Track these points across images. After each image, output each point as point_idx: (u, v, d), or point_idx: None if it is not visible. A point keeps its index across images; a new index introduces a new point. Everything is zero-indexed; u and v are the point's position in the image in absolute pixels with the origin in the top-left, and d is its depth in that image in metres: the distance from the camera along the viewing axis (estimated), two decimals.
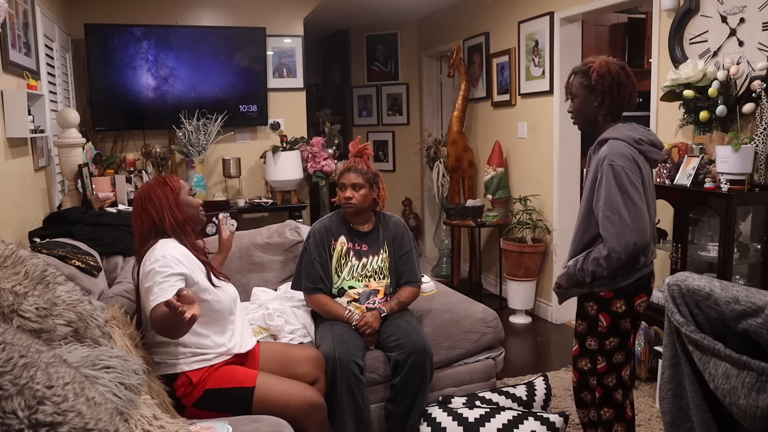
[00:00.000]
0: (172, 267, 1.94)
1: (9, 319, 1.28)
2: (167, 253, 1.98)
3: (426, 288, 2.90)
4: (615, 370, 2.06)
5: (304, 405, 2.04)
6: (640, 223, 1.92)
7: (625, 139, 1.97)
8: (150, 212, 2.08)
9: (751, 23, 2.73)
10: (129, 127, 4.57)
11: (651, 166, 2.05)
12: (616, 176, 1.92)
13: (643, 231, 1.92)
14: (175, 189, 2.13)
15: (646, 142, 2.00)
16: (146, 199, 2.10)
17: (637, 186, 1.92)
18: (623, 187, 1.91)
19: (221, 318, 2.10)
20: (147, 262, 1.97)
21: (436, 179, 5.40)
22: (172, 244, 2.05)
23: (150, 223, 2.08)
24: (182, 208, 2.13)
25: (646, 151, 1.99)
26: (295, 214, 4.74)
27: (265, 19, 4.83)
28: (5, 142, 2.48)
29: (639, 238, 1.91)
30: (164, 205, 2.09)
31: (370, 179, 2.57)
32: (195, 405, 1.99)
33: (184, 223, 2.12)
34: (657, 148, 2.04)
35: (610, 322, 2.02)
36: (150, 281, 1.91)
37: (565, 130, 4.12)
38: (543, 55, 4.15)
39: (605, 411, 2.09)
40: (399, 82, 6.39)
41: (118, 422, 1.09)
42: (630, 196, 1.91)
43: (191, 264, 2.04)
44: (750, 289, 1.48)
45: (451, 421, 2.37)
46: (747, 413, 1.34)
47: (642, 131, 2.03)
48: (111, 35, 4.36)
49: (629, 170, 1.92)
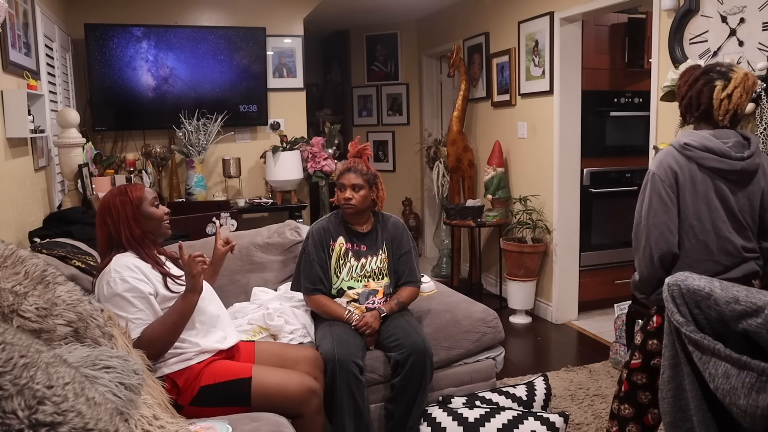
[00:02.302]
0: (138, 289, 1.92)
1: (9, 319, 1.28)
2: (126, 275, 1.92)
3: (426, 288, 2.90)
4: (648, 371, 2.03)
5: (302, 389, 2.05)
6: (656, 229, 1.89)
7: (674, 144, 1.94)
8: (108, 224, 2.02)
9: (751, 23, 2.73)
10: (129, 127, 4.57)
11: (714, 174, 1.90)
12: (646, 182, 1.94)
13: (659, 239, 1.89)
14: (134, 200, 2.04)
15: (696, 147, 1.89)
16: (105, 211, 2.03)
17: (662, 194, 1.89)
18: (648, 194, 1.92)
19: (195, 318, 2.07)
20: (105, 283, 1.92)
21: (436, 179, 5.40)
22: (128, 260, 1.99)
23: (107, 235, 2.03)
24: (141, 221, 2.05)
25: (696, 157, 1.89)
26: (295, 214, 4.74)
27: (265, 19, 4.83)
28: (5, 142, 2.48)
29: (654, 244, 1.90)
30: (121, 218, 2.02)
31: (369, 180, 2.56)
32: (192, 403, 1.98)
33: (142, 237, 2.05)
34: (717, 155, 1.89)
35: (659, 325, 1.98)
36: (119, 309, 1.89)
37: (565, 130, 4.12)
38: (543, 55, 4.15)
39: (625, 407, 2.07)
40: (399, 82, 6.39)
41: (118, 422, 1.09)
42: (652, 204, 1.90)
43: (150, 277, 2.00)
44: (750, 289, 1.48)
45: (451, 421, 2.37)
46: (747, 413, 1.34)
47: (698, 137, 1.92)
48: (111, 35, 4.36)
49: (659, 176, 1.90)
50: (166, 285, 2.03)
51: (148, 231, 2.07)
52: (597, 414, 2.84)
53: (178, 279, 2.07)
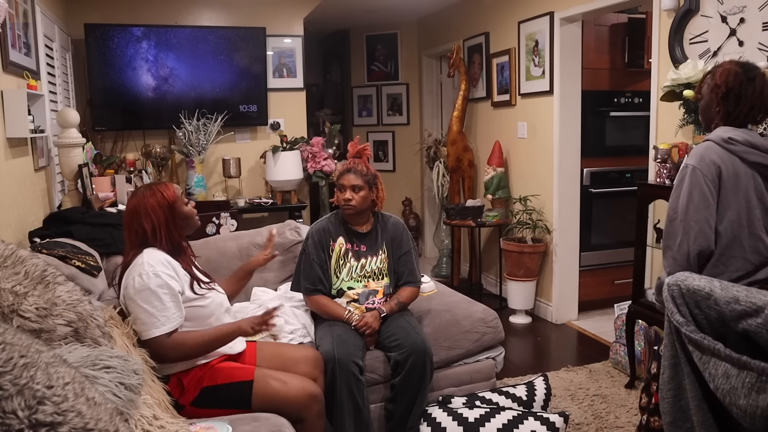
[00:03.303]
0: (170, 286, 1.94)
1: (9, 319, 1.28)
2: (159, 270, 1.94)
3: (426, 288, 2.90)
4: None
5: (303, 395, 2.05)
6: (696, 225, 1.83)
7: (714, 139, 1.88)
8: (144, 227, 2.01)
9: (751, 23, 2.73)
10: (129, 127, 4.57)
11: (755, 170, 1.89)
12: (686, 176, 1.85)
13: (695, 235, 1.82)
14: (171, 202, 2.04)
15: (740, 142, 1.86)
16: (142, 213, 2.02)
17: (704, 189, 1.82)
18: (688, 189, 1.84)
19: (205, 323, 2.09)
20: (136, 275, 1.93)
21: (436, 179, 5.40)
22: (160, 255, 2.00)
23: (142, 235, 2.02)
24: (178, 222, 2.06)
25: (740, 152, 1.86)
26: (295, 214, 4.74)
27: (265, 19, 4.83)
28: (5, 142, 2.48)
29: (692, 241, 1.83)
30: (161, 223, 2.02)
31: (369, 181, 2.56)
32: (193, 404, 1.99)
33: (179, 240, 2.08)
34: (761, 151, 1.87)
35: None
36: (146, 303, 1.90)
37: (565, 130, 4.12)
38: (543, 55, 4.15)
39: (655, 420, 1.99)
40: (399, 82, 6.39)
41: (118, 422, 1.09)
42: (692, 198, 1.83)
43: (180, 275, 2.02)
44: (750, 289, 1.48)
45: (451, 421, 2.37)
46: (747, 413, 1.34)
47: (740, 132, 1.89)
48: (111, 35, 4.36)
49: (701, 170, 1.83)
50: (192, 287, 2.06)
51: (183, 231, 2.09)
52: (597, 414, 2.84)
53: (203, 283, 2.10)
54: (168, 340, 1.93)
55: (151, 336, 1.91)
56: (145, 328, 1.91)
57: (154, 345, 1.92)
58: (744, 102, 1.92)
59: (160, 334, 1.91)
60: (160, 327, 1.91)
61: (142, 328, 1.91)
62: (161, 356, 1.93)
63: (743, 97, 1.91)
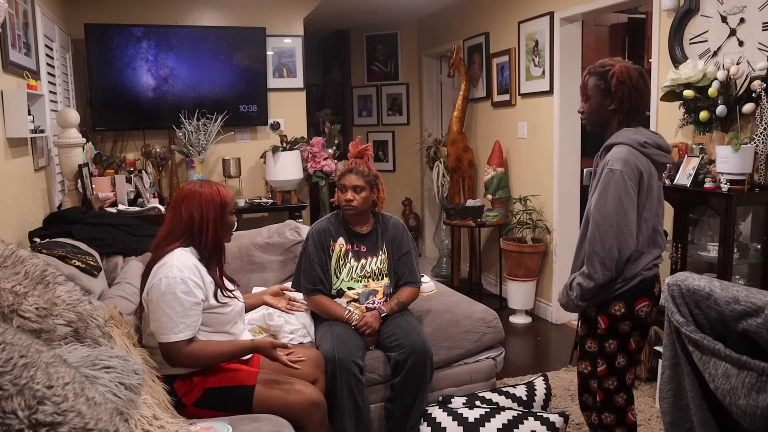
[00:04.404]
0: (194, 294, 1.92)
1: (9, 319, 1.28)
2: (186, 276, 1.91)
3: (426, 288, 2.90)
4: (616, 373, 2.04)
5: (305, 402, 2.04)
6: (627, 230, 1.89)
7: (630, 143, 1.94)
8: (193, 215, 1.97)
9: (751, 23, 2.73)
10: (129, 127, 4.57)
11: (659, 169, 2.01)
12: (612, 181, 1.90)
13: (626, 240, 1.89)
14: (225, 202, 2.02)
15: (652, 145, 1.96)
16: (195, 201, 1.98)
17: (631, 193, 1.89)
18: (617, 193, 1.89)
19: (222, 329, 2.09)
20: (163, 276, 1.91)
21: (436, 179, 5.40)
22: (190, 259, 1.97)
23: (186, 222, 1.98)
24: (221, 225, 2.03)
25: (653, 155, 1.95)
26: (295, 214, 4.74)
27: (265, 19, 4.83)
28: (5, 142, 2.48)
29: (622, 245, 1.89)
30: (210, 218, 1.99)
31: (370, 181, 2.56)
32: (195, 404, 1.99)
33: (218, 243, 2.05)
34: (664, 151, 1.99)
35: (608, 324, 2.00)
36: (167, 306, 1.89)
37: (565, 130, 4.12)
38: (543, 55, 4.15)
39: (606, 416, 2.07)
40: (399, 82, 6.39)
41: (118, 422, 1.09)
42: (622, 203, 1.88)
43: (206, 281, 2.00)
44: (750, 289, 1.48)
45: (451, 421, 2.37)
46: (747, 413, 1.34)
47: (648, 134, 2.00)
48: (111, 35, 4.36)
49: (627, 176, 1.89)
50: (215, 294, 2.03)
51: (221, 237, 2.06)
52: None
53: (226, 290, 2.08)
54: (186, 348, 1.92)
55: (169, 341, 1.91)
56: (163, 331, 1.91)
57: (170, 349, 1.91)
58: (642, 95, 2.00)
59: (177, 339, 1.90)
60: (178, 333, 1.91)
61: (161, 330, 1.91)
62: (175, 360, 1.93)
63: (641, 91, 1.99)
